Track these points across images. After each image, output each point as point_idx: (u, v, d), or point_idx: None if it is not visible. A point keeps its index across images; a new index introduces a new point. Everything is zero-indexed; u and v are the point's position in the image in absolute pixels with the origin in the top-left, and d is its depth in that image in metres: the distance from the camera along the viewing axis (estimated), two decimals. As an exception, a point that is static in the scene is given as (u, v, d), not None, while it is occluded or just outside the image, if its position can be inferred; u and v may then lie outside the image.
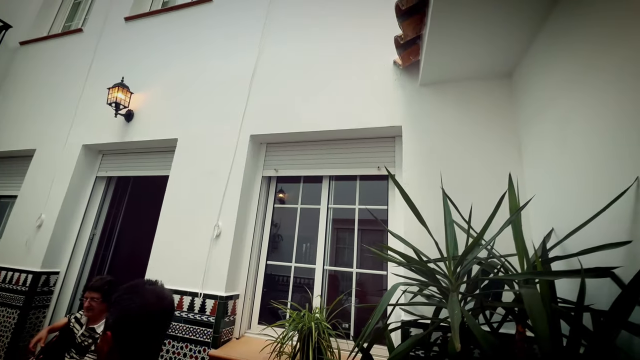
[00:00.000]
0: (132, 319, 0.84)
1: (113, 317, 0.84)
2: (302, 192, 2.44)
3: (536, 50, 1.58)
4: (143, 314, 0.85)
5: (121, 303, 0.85)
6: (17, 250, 2.77)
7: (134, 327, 0.83)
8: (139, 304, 0.86)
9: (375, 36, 2.30)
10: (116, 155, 3.06)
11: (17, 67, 3.98)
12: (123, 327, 0.82)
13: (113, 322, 0.83)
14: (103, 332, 0.84)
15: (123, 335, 0.82)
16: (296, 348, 1.65)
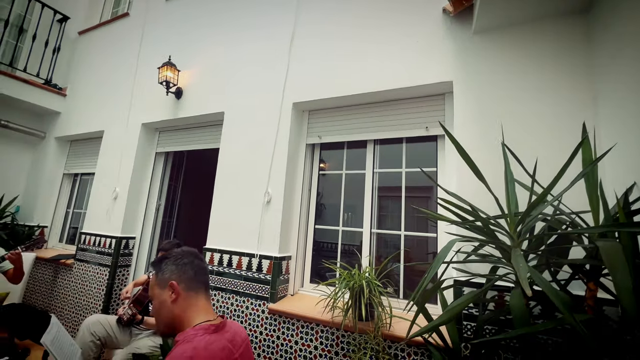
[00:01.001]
0: (184, 264, 1.03)
1: (169, 271, 1.02)
2: (346, 158, 2.43)
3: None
4: (188, 259, 1.06)
5: (171, 260, 1.05)
6: (101, 219, 3.21)
7: (188, 268, 1.03)
8: (183, 255, 1.07)
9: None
10: (171, 132, 3.29)
11: (79, 56, 4.35)
12: (182, 270, 1.02)
13: (171, 274, 1.01)
14: (162, 288, 1.01)
15: (184, 276, 1.01)
16: (348, 303, 1.74)
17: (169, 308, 0.97)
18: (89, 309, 3.01)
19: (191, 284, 1.01)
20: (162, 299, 0.99)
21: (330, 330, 1.88)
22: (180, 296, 0.98)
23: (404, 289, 2.05)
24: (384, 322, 1.70)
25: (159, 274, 1.02)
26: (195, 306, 0.99)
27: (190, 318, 0.97)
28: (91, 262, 3.13)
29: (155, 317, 1.01)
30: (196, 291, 1.01)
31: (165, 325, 0.98)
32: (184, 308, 0.98)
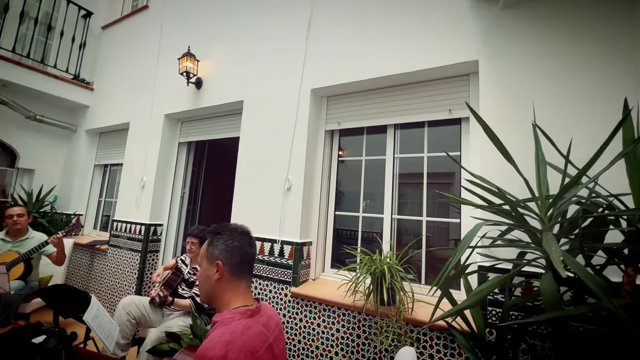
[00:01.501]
0: (234, 247, 1.03)
1: (218, 249, 1.02)
2: (366, 144, 2.40)
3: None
4: (239, 242, 1.05)
5: (223, 238, 1.04)
6: (130, 207, 3.38)
7: (236, 253, 1.03)
8: (235, 236, 1.05)
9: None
10: (192, 122, 3.37)
11: (103, 50, 4.50)
12: (230, 254, 1.01)
13: (219, 253, 1.01)
14: (210, 264, 1.03)
15: (230, 260, 1.01)
16: (369, 288, 1.76)
17: (211, 284, 1.01)
18: (123, 290, 3.21)
19: (236, 269, 1.02)
20: (207, 273, 1.02)
21: (351, 314, 1.91)
22: (223, 277, 1.00)
23: (426, 275, 2.03)
24: (405, 307, 1.71)
25: (209, 247, 1.04)
26: (236, 290, 1.02)
27: (229, 301, 1.00)
28: (123, 248, 3.32)
29: (200, 284, 1.05)
30: (239, 276, 1.03)
31: (206, 296, 1.03)
32: (225, 289, 1.01)
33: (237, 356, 0.84)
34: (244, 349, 0.87)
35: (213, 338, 0.87)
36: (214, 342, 0.85)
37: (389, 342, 1.68)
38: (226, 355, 0.81)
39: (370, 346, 1.82)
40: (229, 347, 0.84)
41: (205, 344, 0.85)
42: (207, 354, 0.81)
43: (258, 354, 0.90)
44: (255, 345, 0.91)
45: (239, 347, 0.86)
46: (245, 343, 0.88)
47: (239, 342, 0.87)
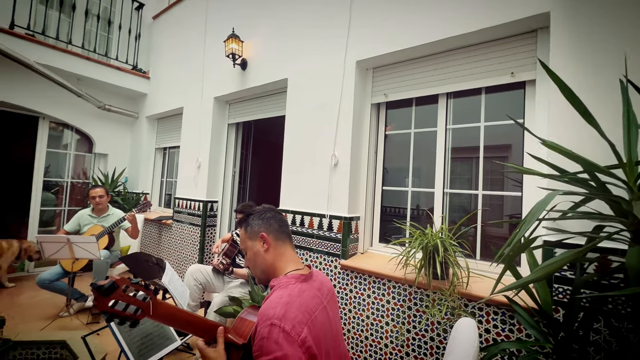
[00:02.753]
0: (268, 217, 1.14)
1: (257, 225, 1.13)
2: (415, 116, 2.30)
3: None
4: (271, 213, 1.16)
5: (256, 216, 1.15)
6: (189, 186, 3.68)
7: (273, 221, 1.13)
8: (265, 210, 1.17)
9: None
10: (239, 103, 3.49)
11: (156, 39, 4.78)
12: (268, 223, 1.12)
13: (259, 227, 1.12)
14: (254, 240, 1.12)
15: (271, 228, 1.11)
16: (421, 262, 1.74)
17: (262, 257, 1.09)
18: (187, 260, 3.58)
19: (278, 235, 1.11)
20: (255, 249, 1.10)
21: (402, 287, 1.93)
22: (270, 246, 1.09)
23: (481, 250, 1.95)
24: (460, 281, 1.67)
25: (247, 228, 1.14)
26: (284, 255, 1.10)
27: (282, 266, 1.08)
28: (185, 222, 3.67)
29: (252, 266, 1.14)
30: (283, 241, 1.12)
31: (262, 272, 1.11)
32: (275, 257, 1.09)
33: (296, 315, 0.90)
34: (301, 309, 0.93)
35: (273, 299, 0.95)
36: (274, 303, 0.92)
37: (442, 314, 1.67)
38: (286, 314, 0.88)
39: (422, 318, 1.83)
40: (287, 307, 0.90)
41: (267, 304, 0.93)
42: (268, 312, 0.89)
43: (314, 315, 0.97)
44: (311, 307, 0.97)
45: (297, 307, 0.92)
46: (302, 304, 0.95)
47: (297, 303, 0.93)
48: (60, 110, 4.14)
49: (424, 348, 1.82)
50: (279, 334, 0.84)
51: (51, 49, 3.74)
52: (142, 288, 0.85)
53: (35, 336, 2.10)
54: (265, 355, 0.82)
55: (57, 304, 3.12)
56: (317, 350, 0.90)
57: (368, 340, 2.05)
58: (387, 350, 1.96)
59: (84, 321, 2.83)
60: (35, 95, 3.90)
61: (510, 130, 1.99)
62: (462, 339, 0.94)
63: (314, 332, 0.92)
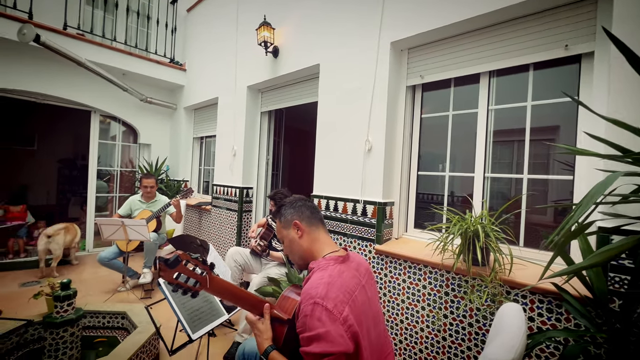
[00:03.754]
0: (300, 206, 1.19)
1: (289, 214, 1.17)
2: (453, 98, 2.20)
3: None
4: (301, 202, 1.21)
5: (288, 206, 1.20)
6: (226, 173, 3.85)
7: (304, 209, 1.18)
8: (295, 200, 1.22)
9: None
10: (271, 91, 3.54)
11: (190, 32, 4.94)
12: (300, 211, 1.17)
13: (292, 216, 1.16)
14: (288, 229, 1.17)
15: (303, 215, 1.16)
16: (460, 248, 1.70)
17: (298, 244, 1.15)
18: (226, 243, 3.78)
19: (310, 221, 1.16)
20: (290, 237, 1.16)
21: (439, 272, 1.91)
22: (304, 232, 1.14)
23: (525, 237, 1.87)
24: (502, 268, 1.62)
25: (281, 219, 1.20)
26: (319, 239, 1.15)
27: (319, 250, 1.13)
28: (222, 208, 3.86)
29: (289, 254, 1.20)
30: (316, 226, 1.16)
31: (300, 258, 1.17)
32: (310, 242, 1.14)
33: (337, 295, 0.94)
34: (342, 289, 0.97)
35: (315, 280, 0.99)
36: (316, 283, 0.97)
37: (482, 301, 1.64)
38: (327, 294, 0.93)
39: (460, 304, 1.81)
40: (329, 287, 0.95)
41: (309, 285, 0.98)
42: (311, 292, 0.94)
43: (355, 294, 1.00)
44: (351, 287, 1.01)
45: (338, 287, 0.97)
46: (343, 284, 0.99)
47: (338, 283, 0.98)
48: (108, 104, 4.47)
49: (462, 334, 1.80)
50: (321, 312, 0.88)
51: (99, 46, 4.01)
52: (199, 263, 0.93)
53: (100, 307, 2.37)
54: (309, 331, 0.87)
55: (115, 280, 3.47)
56: (358, 328, 0.93)
57: (403, 324, 2.07)
58: (423, 334, 1.97)
59: (138, 296, 3.12)
60: (87, 90, 4.23)
61: (558, 111, 1.86)
62: (509, 324, 0.92)
63: (355, 311, 0.95)
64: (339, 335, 0.87)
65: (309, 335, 0.87)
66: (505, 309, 1.05)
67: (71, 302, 1.91)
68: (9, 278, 3.47)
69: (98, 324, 2.32)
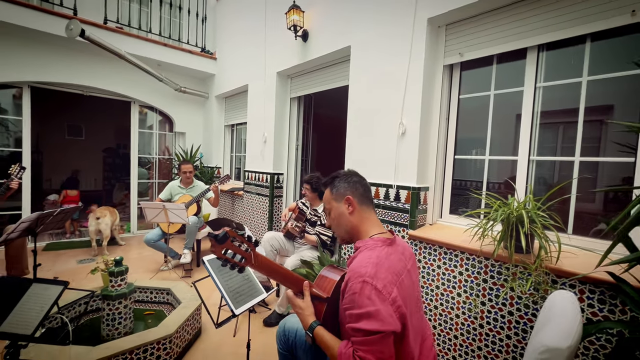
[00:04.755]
0: (355, 182, 1.15)
1: (343, 187, 1.14)
2: (495, 76, 2.06)
3: None
4: (357, 178, 1.18)
5: (343, 179, 1.17)
6: (257, 159, 3.94)
7: (359, 186, 1.15)
8: (351, 174, 1.20)
9: None
10: (301, 76, 3.52)
11: (220, 20, 5.00)
12: (354, 187, 1.14)
13: (345, 190, 1.13)
14: (339, 202, 1.14)
15: (356, 192, 1.13)
16: (501, 234, 1.63)
17: (347, 219, 1.12)
18: (258, 227, 3.91)
19: (362, 200, 1.13)
20: (340, 211, 1.14)
21: (477, 259, 1.85)
22: (355, 209, 1.12)
23: (574, 224, 1.75)
24: (548, 255, 1.53)
25: (333, 190, 1.16)
26: (369, 219, 1.13)
27: (367, 229, 1.11)
28: (254, 193, 3.97)
29: (335, 225, 1.18)
30: (367, 205, 1.14)
31: (346, 233, 1.15)
32: (360, 220, 1.12)
33: (386, 276, 0.94)
34: (390, 271, 0.96)
35: (362, 259, 0.99)
36: (365, 262, 0.96)
37: (525, 289, 1.57)
38: (376, 274, 0.92)
39: (500, 291, 1.75)
40: (378, 267, 0.94)
41: (357, 263, 0.98)
42: (360, 270, 0.94)
43: (401, 277, 1.00)
44: (398, 269, 1.00)
45: (386, 268, 0.96)
46: (390, 266, 0.98)
47: (386, 265, 0.97)
48: (146, 95, 4.69)
49: (501, 322, 1.75)
50: (371, 291, 0.88)
51: (136, 38, 4.19)
52: (245, 240, 0.97)
53: (147, 283, 2.57)
54: (358, 309, 0.88)
55: (157, 260, 3.73)
56: (406, 310, 0.93)
57: (437, 310, 2.05)
58: (459, 320, 1.94)
59: (179, 275, 3.34)
60: (126, 82, 4.46)
61: (614, 88, 1.69)
62: (562, 311, 0.88)
63: (402, 293, 0.95)
64: (389, 315, 0.87)
65: (358, 312, 0.88)
66: (558, 296, 1.00)
67: (124, 278, 2.08)
68: (68, 255, 3.85)
69: (146, 299, 2.52)
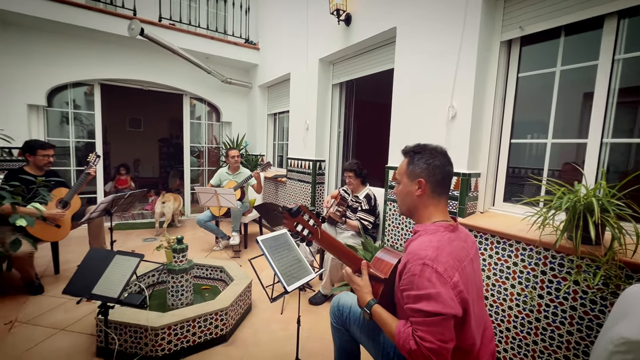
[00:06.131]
0: (435, 166, 1.05)
1: (420, 167, 1.06)
2: (563, 50, 1.86)
3: None
4: (440, 161, 1.07)
5: (424, 157, 1.07)
6: (299, 146, 4.02)
7: (438, 171, 1.05)
8: (435, 155, 1.07)
9: None
10: (343, 62, 3.49)
11: (262, 10, 5.08)
12: (432, 172, 1.05)
13: (421, 171, 1.06)
14: (411, 180, 1.08)
15: (432, 178, 1.05)
16: (565, 224, 1.51)
17: (413, 199, 1.08)
18: (300, 213, 4.02)
19: (437, 188, 1.06)
20: (408, 189, 1.08)
21: (535, 249, 1.73)
22: (425, 194, 1.05)
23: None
24: (622, 247, 1.39)
25: (409, 165, 1.08)
26: (436, 206, 1.07)
27: (430, 215, 1.07)
28: (296, 180, 4.08)
29: (400, 199, 1.14)
30: (439, 194, 1.07)
31: (407, 210, 1.12)
32: (426, 204, 1.07)
33: (447, 260, 0.92)
34: (451, 256, 0.94)
35: (422, 242, 0.97)
36: (425, 245, 0.94)
37: (593, 284, 1.45)
38: (437, 257, 0.91)
39: (561, 285, 1.63)
40: (438, 251, 0.92)
41: (417, 246, 0.96)
42: (420, 253, 0.92)
43: (464, 264, 0.97)
44: (460, 256, 0.97)
45: (448, 253, 0.94)
46: (452, 252, 0.95)
47: (447, 250, 0.94)
48: (195, 87, 4.99)
49: (561, 316, 1.64)
50: (431, 274, 0.88)
51: (186, 33, 4.44)
52: (313, 216, 1.03)
53: (202, 261, 2.80)
54: (417, 290, 0.89)
55: (209, 241, 4.04)
56: (468, 296, 0.92)
57: (488, 301, 1.97)
58: (512, 312, 1.85)
59: (229, 255, 3.59)
60: (178, 75, 4.78)
61: None
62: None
63: (464, 279, 0.93)
64: (450, 298, 0.86)
65: (417, 293, 0.88)
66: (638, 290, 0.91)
67: (185, 255, 2.30)
68: (134, 235, 4.32)
69: (202, 275, 2.76)
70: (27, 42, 3.79)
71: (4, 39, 3.66)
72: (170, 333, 1.82)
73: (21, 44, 3.76)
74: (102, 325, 1.67)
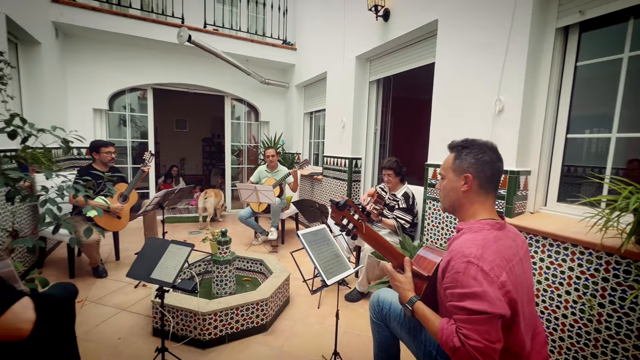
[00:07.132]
0: (484, 161, 1.01)
1: (467, 162, 1.02)
2: (632, 34, 1.67)
3: None
4: (489, 157, 1.02)
5: (472, 152, 1.03)
6: (335, 144, 4.05)
7: (487, 167, 1.01)
8: (485, 150, 1.03)
9: None
10: (380, 58, 3.44)
11: (299, 11, 5.17)
12: (480, 167, 1.01)
13: (469, 166, 1.02)
14: (457, 175, 1.04)
15: (481, 173, 1.01)
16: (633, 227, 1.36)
17: (458, 194, 1.04)
18: (336, 211, 4.04)
19: (484, 184, 1.01)
20: (454, 184, 1.04)
21: (595, 254, 1.59)
22: (471, 190, 1.01)
23: None
24: None
25: (456, 160, 1.05)
26: (483, 204, 1.03)
27: (476, 212, 1.02)
28: (332, 178, 4.11)
29: (443, 193, 1.10)
30: (487, 191, 1.03)
31: (450, 205, 1.08)
32: (472, 201, 1.03)
33: (493, 259, 0.87)
34: (498, 254, 0.89)
35: (466, 240, 0.94)
36: (469, 243, 0.91)
37: (666, 292, 1.30)
38: (483, 255, 0.87)
39: (627, 294, 1.48)
40: (484, 249, 0.89)
41: (461, 244, 0.93)
42: (464, 251, 0.90)
43: (512, 264, 0.92)
44: (508, 255, 0.93)
45: (494, 251, 0.89)
46: (499, 250, 0.91)
47: (493, 248, 0.90)
48: (236, 88, 5.23)
49: (627, 329, 1.49)
50: (477, 272, 0.85)
51: (228, 37, 4.67)
52: (359, 210, 1.05)
53: (243, 254, 2.94)
54: (461, 288, 0.86)
55: (249, 236, 4.22)
56: (516, 296, 0.88)
57: (539, 307, 1.84)
58: (566, 321, 1.71)
59: (267, 250, 3.73)
60: (221, 78, 5.04)
61: None
62: None
63: (512, 279, 0.89)
64: (497, 298, 0.83)
65: (461, 291, 0.86)
66: None
67: (228, 247, 2.43)
68: (181, 228, 4.65)
69: (243, 267, 2.91)
70: (92, 52, 4.24)
71: (74, 50, 4.14)
72: (216, 319, 1.95)
73: (88, 54, 4.22)
74: (158, 307, 1.84)
